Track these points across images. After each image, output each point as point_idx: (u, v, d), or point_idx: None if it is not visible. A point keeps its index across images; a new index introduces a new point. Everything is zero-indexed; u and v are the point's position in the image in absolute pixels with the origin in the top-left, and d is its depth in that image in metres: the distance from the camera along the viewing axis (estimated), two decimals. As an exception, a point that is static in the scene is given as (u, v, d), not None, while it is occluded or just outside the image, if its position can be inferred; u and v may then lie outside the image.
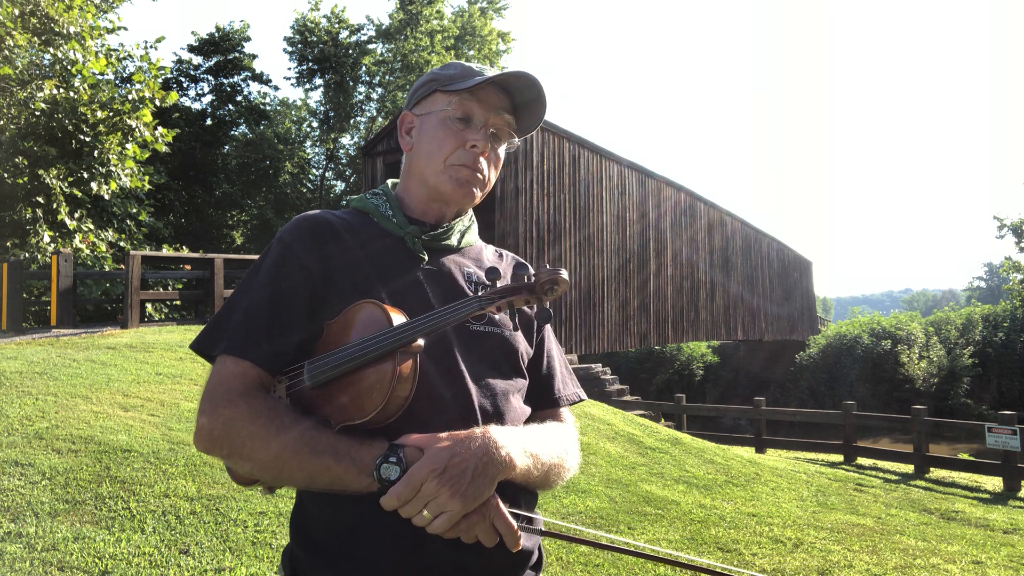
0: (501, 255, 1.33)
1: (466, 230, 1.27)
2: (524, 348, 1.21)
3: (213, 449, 1.01)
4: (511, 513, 0.97)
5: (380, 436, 0.97)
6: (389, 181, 1.31)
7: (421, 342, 0.99)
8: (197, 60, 26.42)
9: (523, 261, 1.14)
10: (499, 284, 1.06)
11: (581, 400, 1.32)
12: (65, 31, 12.25)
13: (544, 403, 1.23)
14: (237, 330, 1.05)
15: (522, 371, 1.19)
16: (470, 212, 1.30)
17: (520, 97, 1.21)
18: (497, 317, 1.16)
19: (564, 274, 1.01)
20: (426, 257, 1.17)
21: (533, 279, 1.03)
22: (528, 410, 1.18)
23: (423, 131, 1.21)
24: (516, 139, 1.25)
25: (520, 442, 1.01)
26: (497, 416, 1.09)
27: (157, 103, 13.18)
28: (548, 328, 1.30)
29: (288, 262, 1.11)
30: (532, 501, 1.12)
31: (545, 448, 1.07)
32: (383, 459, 0.92)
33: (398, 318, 1.00)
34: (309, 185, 29.82)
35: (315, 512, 1.05)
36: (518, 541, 0.97)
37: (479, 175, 1.19)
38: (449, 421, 1.01)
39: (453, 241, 1.22)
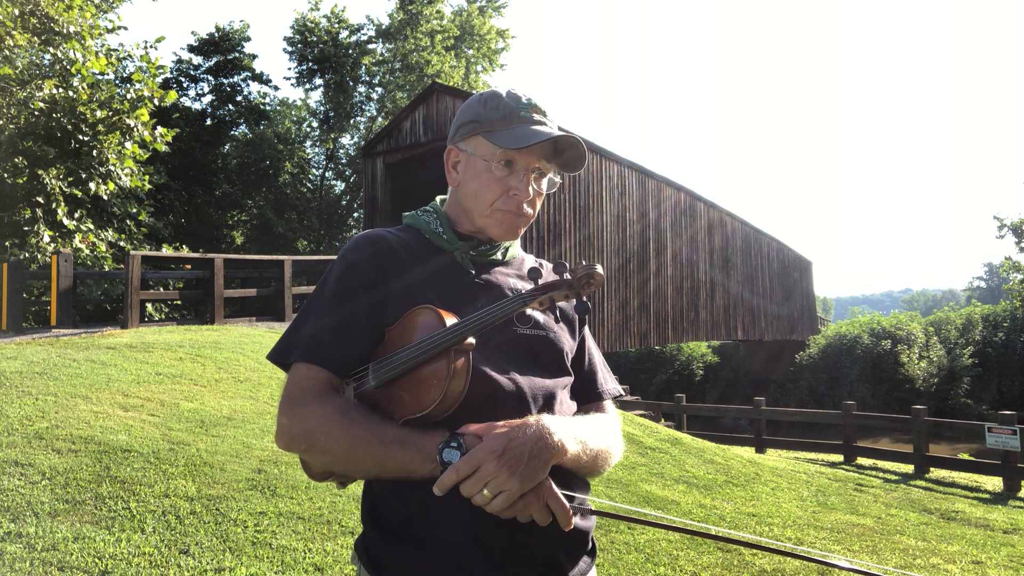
0: (541, 264, 1.39)
1: (510, 245, 1.35)
2: (568, 346, 1.29)
3: (292, 445, 1.12)
4: (563, 494, 1.05)
5: (441, 427, 1.06)
6: (438, 198, 1.39)
7: (472, 340, 1.08)
8: (197, 60, 26.42)
9: (561, 262, 1.18)
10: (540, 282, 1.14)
11: (620, 395, 1.42)
12: (65, 31, 12.24)
13: (588, 397, 1.33)
14: (309, 340, 1.17)
15: (567, 369, 1.27)
16: None
17: (561, 146, 1.27)
18: (542, 320, 1.26)
19: (599, 269, 1.09)
20: (474, 272, 1.26)
21: (570, 274, 1.11)
22: (574, 405, 1.26)
23: (468, 172, 1.28)
24: (557, 178, 1.32)
25: (571, 430, 1.09)
26: (547, 410, 1.17)
27: (156, 103, 13.17)
28: (587, 329, 1.40)
29: (351, 278, 1.21)
30: (584, 488, 1.19)
31: (593, 436, 1.16)
32: (445, 444, 1.02)
33: (451, 320, 1.09)
34: (309, 185, 29.79)
35: (383, 499, 1.14)
36: (570, 520, 1.05)
37: (523, 217, 1.27)
38: (503, 415, 1.08)
39: (499, 255, 1.32)
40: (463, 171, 1.29)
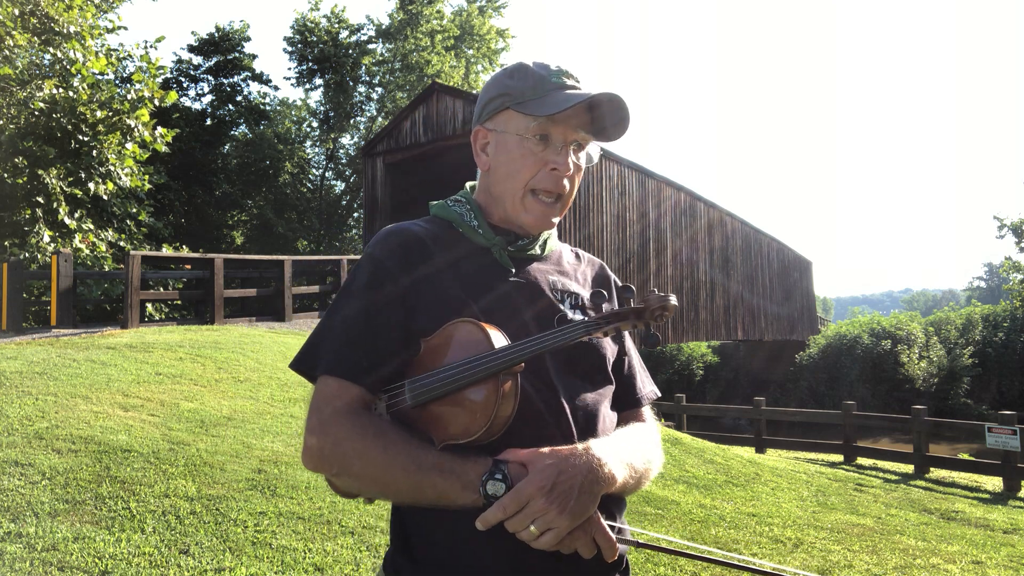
0: (578, 255, 1.33)
1: (548, 237, 1.26)
2: (611, 353, 1.22)
3: (321, 467, 1.04)
4: (608, 525, 1.00)
5: (483, 451, 0.99)
6: (468, 185, 1.28)
7: (522, 363, 1.01)
8: (197, 60, 26.43)
9: (628, 286, 1.10)
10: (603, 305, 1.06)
11: (658, 397, 1.33)
12: (65, 31, 12.24)
13: (627, 403, 1.25)
14: (337, 350, 1.08)
15: (610, 377, 1.20)
16: None
17: (601, 111, 1.15)
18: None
19: (673, 300, 1.03)
20: (513, 270, 1.16)
21: (642, 305, 1.04)
22: (615, 416, 1.19)
23: (499, 153, 1.17)
24: (597, 151, 1.23)
25: (619, 455, 1.03)
26: (590, 428, 1.10)
27: (157, 103, 13.17)
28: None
29: (380, 279, 1.11)
30: (622, 507, 1.14)
31: (638, 456, 1.10)
32: (488, 476, 0.95)
33: (496, 336, 1.01)
34: (309, 185, 29.80)
35: (416, 524, 1.07)
36: (616, 552, 1.00)
37: (558, 203, 1.17)
38: (545, 435, 1.03)
39: (537, 250, 1.22)
40: (494, 152, 1.17)
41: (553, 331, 1.02)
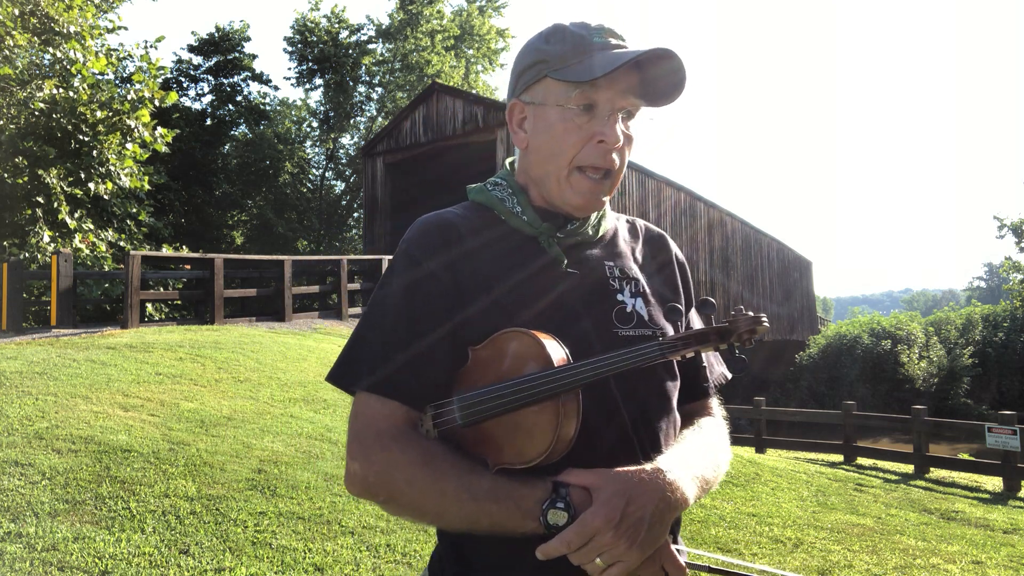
0: (633, 228, 1.18)
1: (602, 215, 1.11)
2: None
3: (367, 495, 0.96)
4: (676, 550, 0.94)
5: (540, 473, 0.90)
6: (508, 162, 1.15)
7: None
8: (197, 60, 26.44)
9: (708, 299, 0.97)
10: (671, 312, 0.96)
11: (727, 379, 1.18)
12: (65, 31, 12.24)
13: (694, 393, 1.14)
14: (376, 364, 0.97)
15: (675, 372, 1.07)
16: None
17: (653, 72, 1.00)
18: (645, 314, 1.05)
19: (765, 321, 0.92)
20: (565, 260, 1.03)
21: (728, 326, 0.92)
22: (679, 418, 1.08)
23: (538, 127, 1.03)
24: (651, 118, 1.07)
25: (690, 470, 0.95)
26: (655, 439, 1.00)
27: (157, 103, 13.17)
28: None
29: (418, 280, 1.00)
30: (679, 524, 1.07)
31: (708, 465, 1.01)
32: (549, 504, 0.86)
33: (554, 349, 0.91)
34: (309, 185, 29.81)
35: (472, 540, 0.97)
36: None
37: (607, 179, 1.03)
38: (605, 450, 0.94)
39: (590, 232, 1.08)
40: (532, 128, 1.04)
41: (623, 352, 0.91)
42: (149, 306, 13.24)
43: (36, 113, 12.15)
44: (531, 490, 0.88)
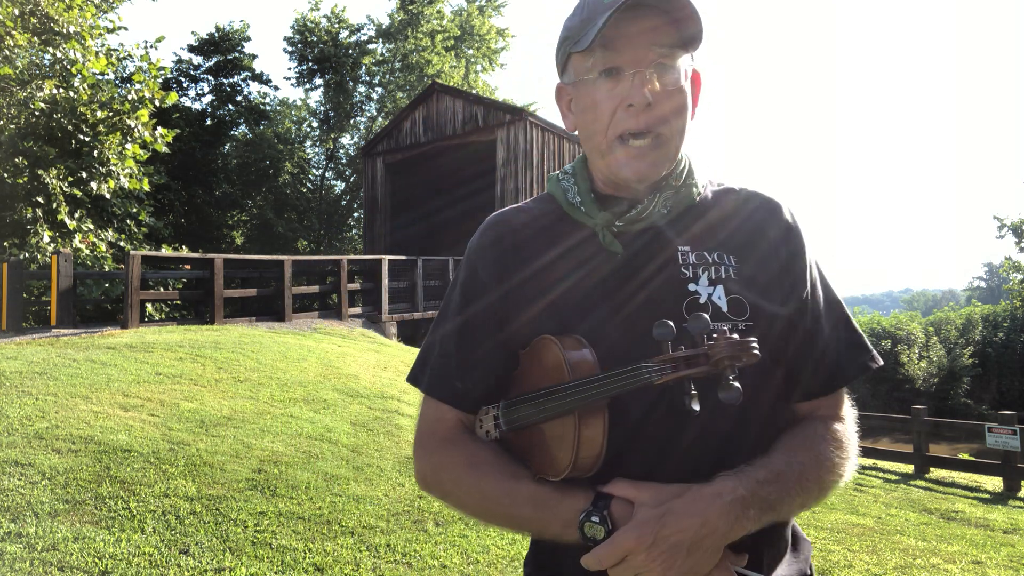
0: (734, 197, 1.03)
1: (679, 187, 0.99)
2: (777, 330, 0.94)
3: (427, 491, 1.04)
4: (739, 573, 0.86)
5: (584, 482, 0.88)
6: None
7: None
8: (197, 60, 26.45)
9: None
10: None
11: (868, 370, 1.00)
12: (65, 31, 12.24)
13: (813, 389, 0.98)
14: (434, 370, 1.04)
15: (766, 365, 0.89)
16: (682, 157, 1.00)
17: (656, 10, 0.92)
18: (724, 306, 0.93)
19: (755, 349, 0.79)
20: (620, 251, 0.96)
21: (706, 349, 0.81)
22: (778, 419, 0.96)
23: (578, 107, 0.99)
24: (690, 63, 0.97)
25: (758, 492, 0.84)
26: (727, 450, 0.90)
27: (157, 103, 13.18)
28: (816, 270, 1.01)
29: (474, 285, 1.02)
30: (776, 540, 0.96)
31: (784, 487, 0.87)
32: (586, 516, 0.84)
33: (574, 359, 0.87)
34: (309, 185, 29.82)
35: (551, 545, 0.95)
36: None
37: (657, 140, 0.93)
38: (664, 461, 0.89)
39: (662, 210, 0.97)
40: (576, 109, 0.99)
41: (611, 374, 0.84)
42: (149, 306, 13.24)
43: (36, 113, 12.16)
44: (572, 499, 0.87)
